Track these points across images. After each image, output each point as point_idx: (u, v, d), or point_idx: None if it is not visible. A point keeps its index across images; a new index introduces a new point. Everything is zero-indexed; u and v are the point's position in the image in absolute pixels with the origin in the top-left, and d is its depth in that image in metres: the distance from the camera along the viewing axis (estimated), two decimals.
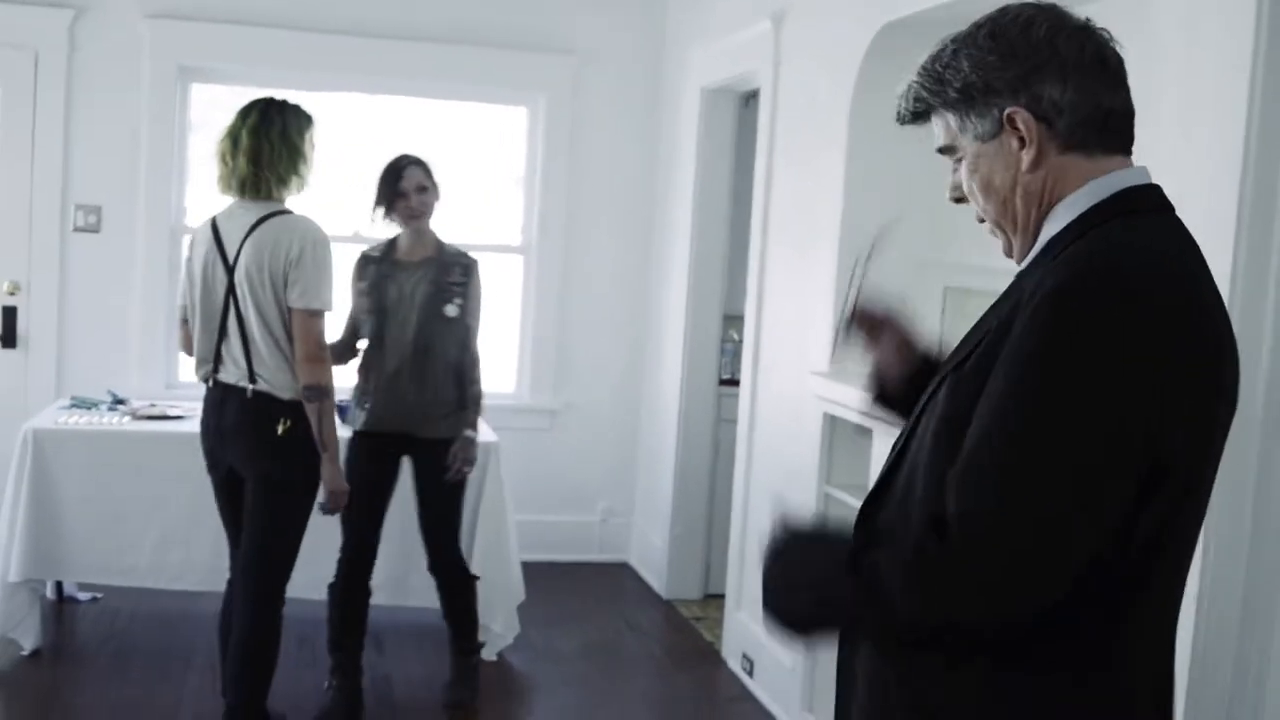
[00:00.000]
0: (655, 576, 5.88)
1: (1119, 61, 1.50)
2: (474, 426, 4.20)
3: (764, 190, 4.85)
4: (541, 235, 6.13)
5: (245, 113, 3.57)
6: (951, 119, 1.53)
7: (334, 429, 3.56)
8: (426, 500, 4.24)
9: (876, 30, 3.94)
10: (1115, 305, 1.32)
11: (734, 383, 5.51)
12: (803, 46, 4.56)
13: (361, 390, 4.20)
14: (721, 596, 5.28)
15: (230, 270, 3.52)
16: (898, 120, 1.61)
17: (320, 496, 3.62)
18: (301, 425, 3.51)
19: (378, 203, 4.18)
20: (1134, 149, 1.55)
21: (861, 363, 1.91)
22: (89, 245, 5.70)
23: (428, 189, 4.17)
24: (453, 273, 4.17)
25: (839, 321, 1.89)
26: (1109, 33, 1.51)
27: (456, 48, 5.91)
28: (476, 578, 4.44)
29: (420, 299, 4.13)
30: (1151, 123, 1.83)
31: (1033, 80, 1.46)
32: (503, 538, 4.76)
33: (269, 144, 3.51)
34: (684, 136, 5.78)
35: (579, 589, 5.81)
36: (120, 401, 5.04)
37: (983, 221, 1.57)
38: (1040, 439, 1.32)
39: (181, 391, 5.59)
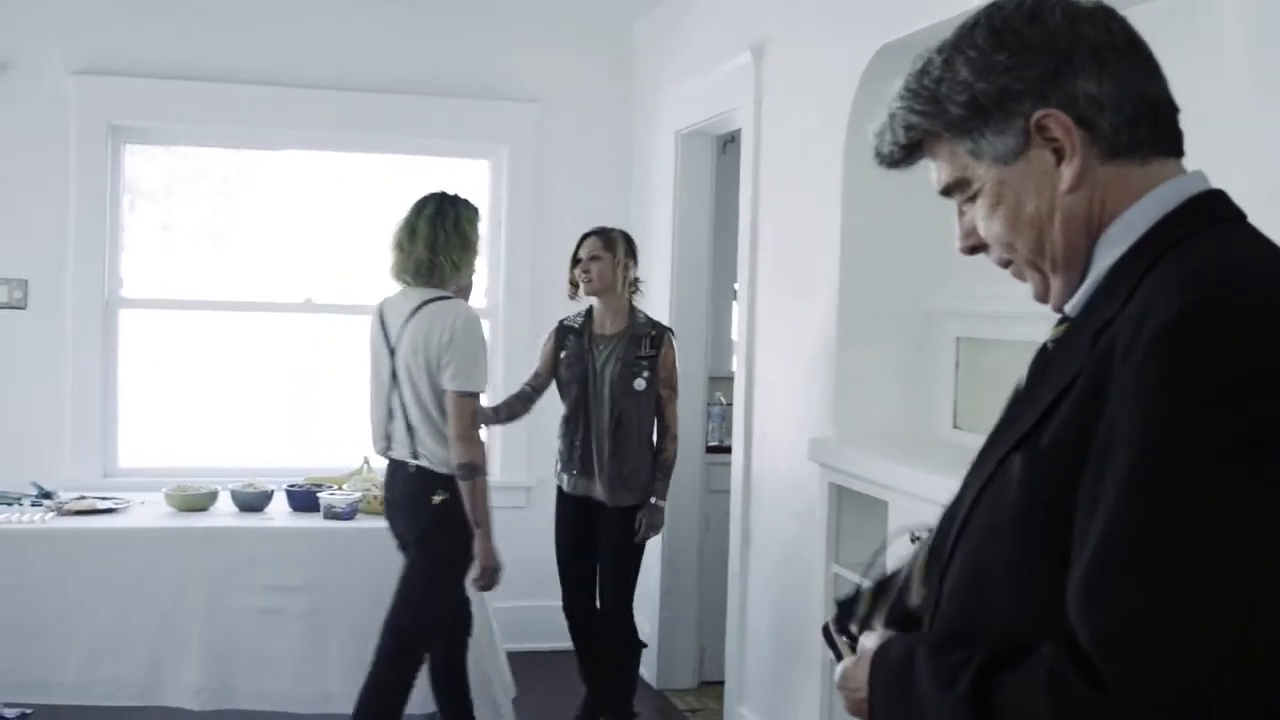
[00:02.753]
0: (645, 664, 5.38)
1: (1147, 46, 1.24)
2: (662, 495, 4.35)
3: (749, 240, 4.45)
4: (508, 297, 5.72)
5: (421, 205, 3.84)
6: (959, 145, 1.25)
7: (487, 506, 3.73)
8: (605, 561, 4.37)
9: (872, 54, 3.57)
10: (1249, 342, 1.03)
11: (723, 450, 5.08)
12: (787, 79, 4.18)
13: (566, 457, 4.42)
14: (717, 684, 4.87)
15: (392, 353, 3.75)
16: (881, 162, 1.32)
17: (473, 573, 3.76)
18: (456, 499, 3.68)
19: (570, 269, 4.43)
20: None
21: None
22: (14, 323, 5.24)
23: (600, 258, 4.33)
24: (642, 346, 4.34)
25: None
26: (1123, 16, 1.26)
27: (411, 98, 5.52)
28: (644, 645, 4.61)
29: (611, 375, 4.31)
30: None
31: (1063, 75, 1.19)
32: (484, 628, 4.35)
33: (444, 233, 3.77)
34: (658, 185, 5.40)
35: (566, 681, 5.30)
36: (46, 495, 4.55)
37: (1008, 265, 1.29)
38: (1202, 524, 1.00)
39: (122, 480, 5.14)
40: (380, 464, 4.80)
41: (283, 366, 5.59)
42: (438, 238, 3.77)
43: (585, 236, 4.43)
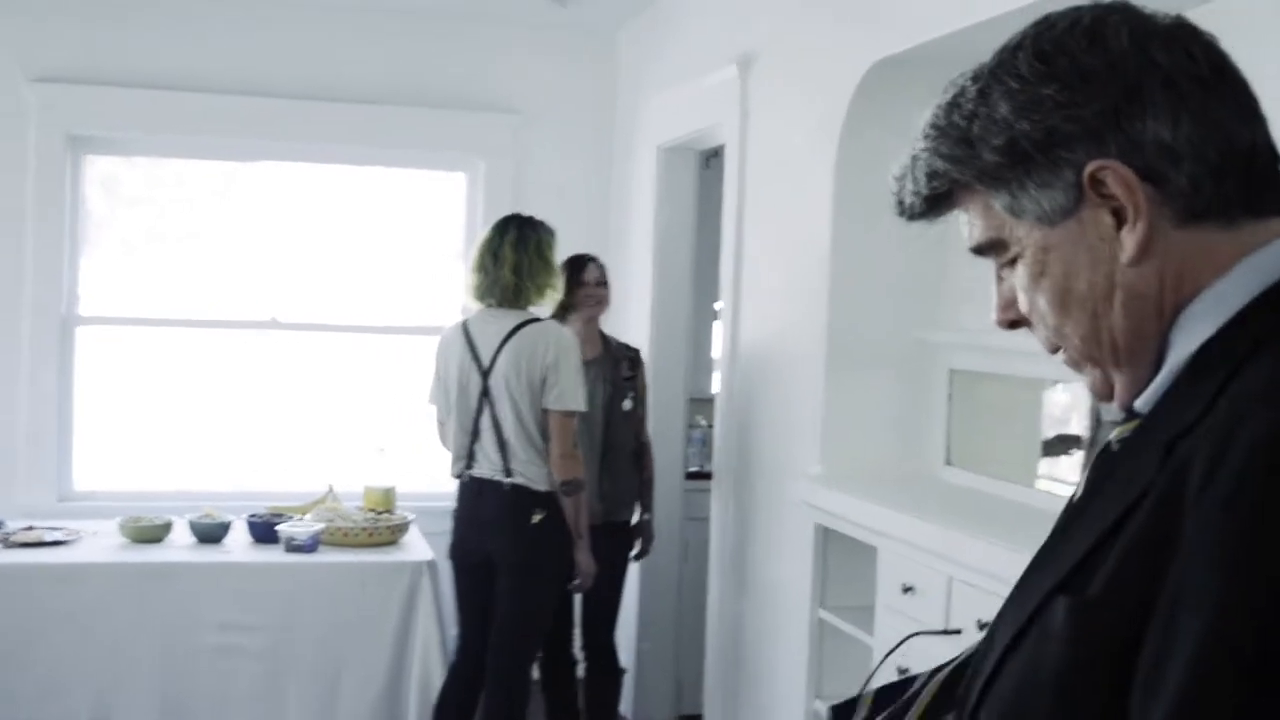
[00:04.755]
0: (622, 696, 5.20)
1: (1243, 76, 0.98)
2: (650, 508, 4.46)
3: (732, 259, 4.27)
4: None
5: (502, 228, 3.92)
6: (994, 197, 1.01)
7: (586, 518, 3.89)
8: (595, 584, 4.15)
9: (864, 70, 3.38)
10: None
11: (703, 475, 4.89)
12: (775, 94, 4.00)
13: None
14: (695, 718, 4.69)
15: (485, 374, 3.80)
16: (901, 214, 1.09)
17: (576, 579, 3.92)
18: (553, 515, 3.79)
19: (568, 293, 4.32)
20: None
21: None
22: None
23: (606, 283, 4.37)
24: (622, 367, 4.37)
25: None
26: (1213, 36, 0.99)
27: (384, 109, 5.32)
28: (624, 670, 4.55)
29: (601, 399, 4.28)
30: None
31: (1125, 115, 0.94)
32: (430, 666, 4.15)
33: (528, 258, 3.85)
34: (639, 201, 5.22)
35: (537, 710, 5.12)
36: None
37: (1057, 351, 1.04)
38: None
39: (78, 505, 4.92)
40: (351, 489, 4.68)
41: (246, 387, 5.37)
42: (522, 262, 3.85)
43: (587, 261, 4.38)
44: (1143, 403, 0.99)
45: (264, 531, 4.27)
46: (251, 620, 4.05)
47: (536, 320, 3.86)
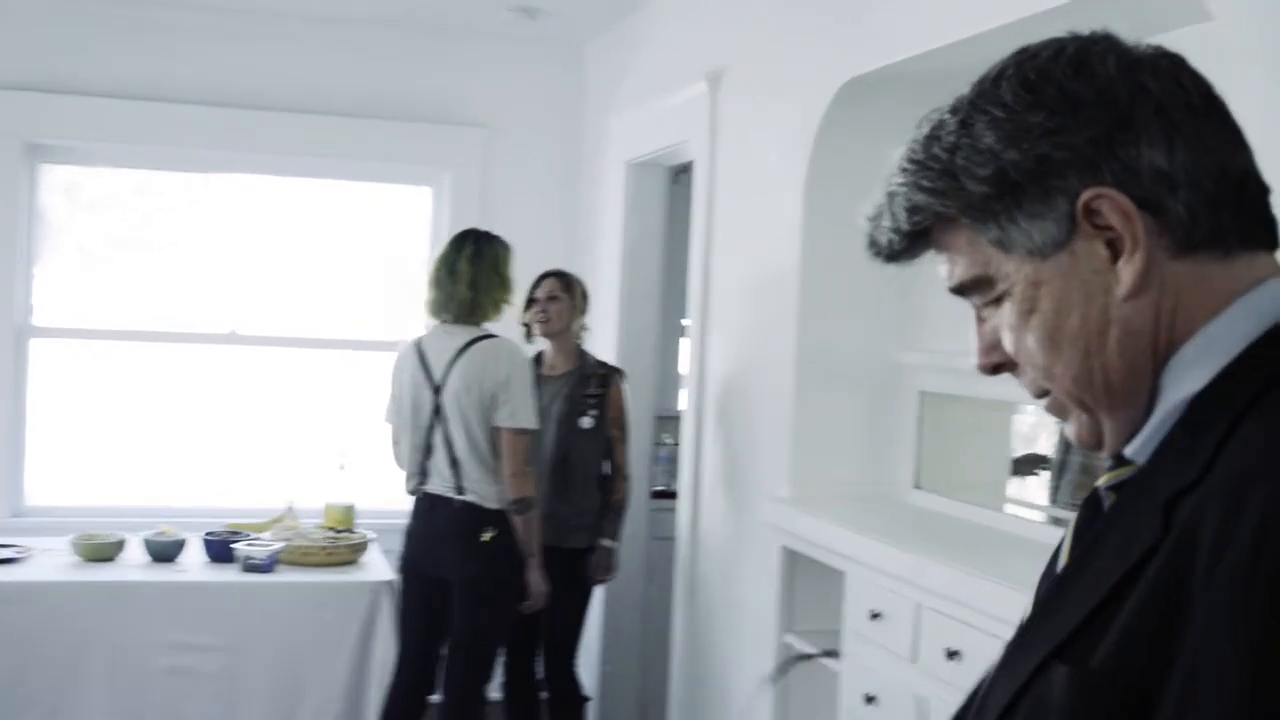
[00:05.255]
0: None
1: (1226, 104, 0.96)
2: (614, 536, 4.28)
3: (701, 276, 4.22)
4: None
5: (459, 243, 3.91)
6: (981, 234, 0.96)
7: (539, 537, 3.84)
8: (553, 609, 4.09)
9: (836, 89, 3.34)
10: None
11: (669, 495, 4.83)
12: (745, 111, 3.95)
13: None
14: None
15: (437, 391, 3.78)
16: (877, 254, 1.04)
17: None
18: (505, 533, 3.77)
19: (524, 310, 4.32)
20: None
21: None
22: None
23: (559, 300, 4.28)
24: (589, 385, 4.27)
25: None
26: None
27: (349, 121, 5.24)
28: (588, 699, 4.47)
29: (557, 413, 4.22)
30: None
31: (1120, 141, 0.90)
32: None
33: (484, 273, 3.84)
34: (608, 217, 5.16)
35: None
36: None
37: (1043, 395, 0.98)
38: None
39: (31, 521, 4.82)
40: (311, 506, 4.60)
41: (205, 401, 5.27)
42: (478, 277, 3.84)
43: (543, 277, 4.33)
44: (1134, 451, 0.94)
45: (220, 550, 4.18)
46: (206, 641, 3.96)
47: (489, 337, 3.83)
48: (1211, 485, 0.82)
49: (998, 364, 1.00)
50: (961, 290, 1.01)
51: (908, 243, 1.00)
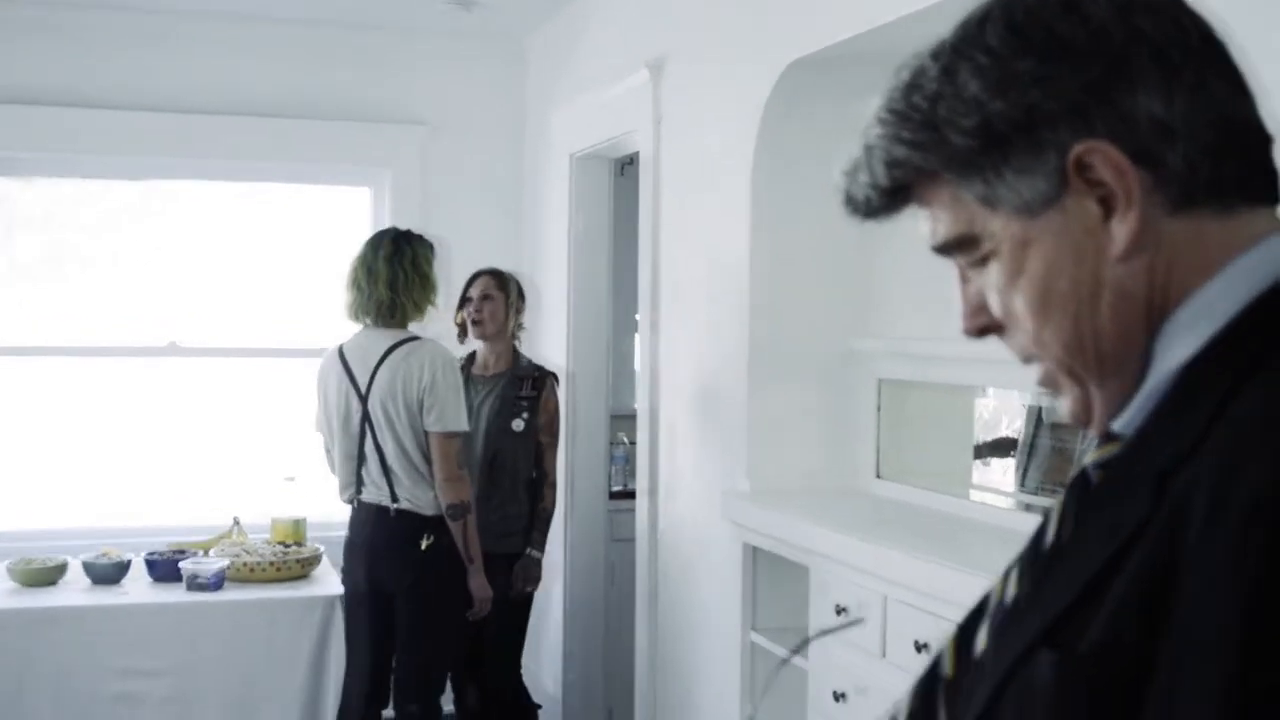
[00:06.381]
0: None
1: (1232, 50, 0.89)
2: (539, 546, 4.21)
3: (650, 270, 4.14)
4: None
5: (377, 242, 3.82)
6: (965, 189, 0.90)
7: (477, 542, 3.77)
8: (488, 619, 3.98)
9: (779, 73, 3.26)
10: None
11: (627, 495, 4.74)
12: (689, 98, 3.87)
13: None
14: None
15: (364, 399, 3.72)
16: (854, 211, 0.97)
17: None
18: (444, 539, 3.71)
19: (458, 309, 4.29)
20: None
21: None
22: None
23: (493, 299, 4.22)
24: (523, 387, 4.21)
25: None
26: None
27: (285, 122, 5.11)
28: (539, 706, 4.41)
29: (487, 413, 4.17)
30: None
31: (1113, 89, 0.84)
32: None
33: (404, 272, 3.75)
34: (553, 213, 5.07)
35: None
36: None
37: (1030, 361, 0.93)
38: None
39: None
40: (258, 521, 4.48)
41: (145, 416, 5.12)
42: (397, 277, 3.75)
43: (476, 276, 4.28)
44: (1123, 424, 0.88)
45: (165, 570, 4.05)
46: (154, 665, 3.84)
47: (412, 339, 3.75)
48: (1203, 460, 0.76)
49: (984, 326, 0.94)
50: (945, 250, 0.94)
51: (886, 199, 0.93)
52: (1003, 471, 3.01)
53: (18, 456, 5.02)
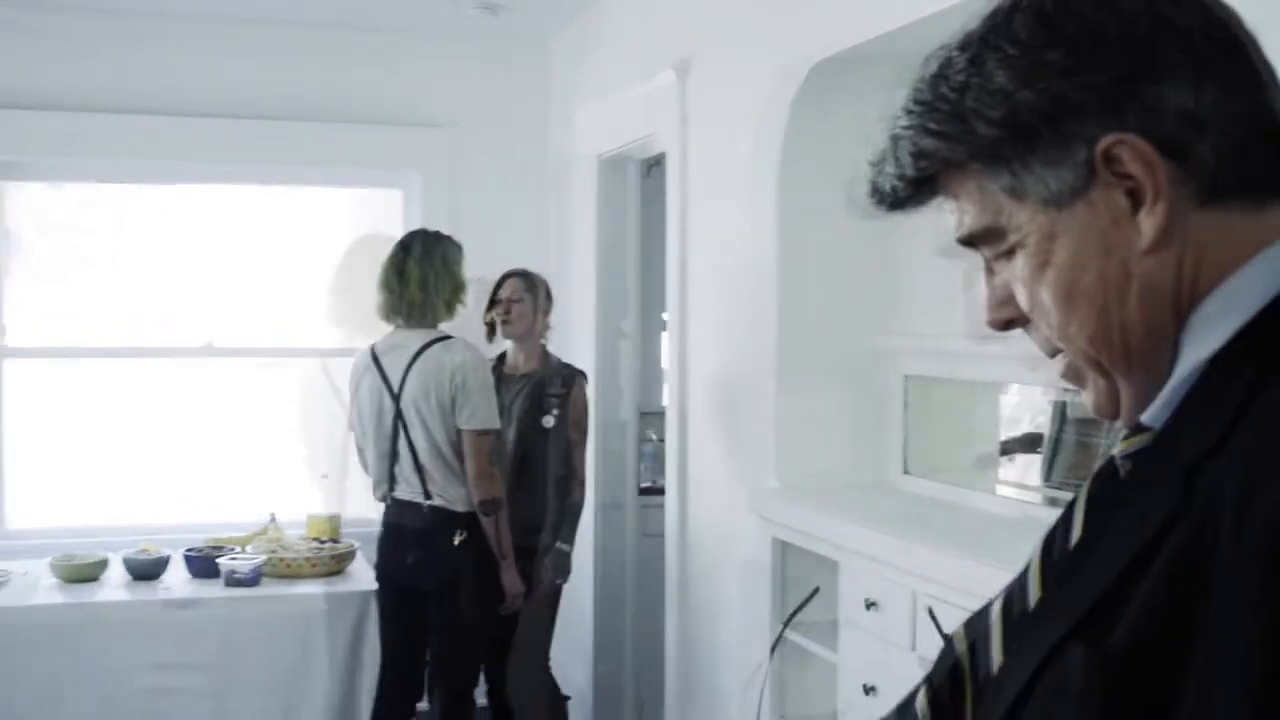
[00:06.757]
0: None
1: (1257, 42, 0.89)
2: (568, 540, 4.24)
3: (678, 269, 4.17)
4: None
5: (407, 244, 3.90)
6: (992, 181, 0.89)
7: (509, 538, 3.84)
8: (518, 612, 4.09)
9: (806, 72, 3.29)
10: None
11: (657, 491, 4.78)
12: (715, 99, 3.90)
13: None
14: None
15: (396, 398, 3.78)
16: (880, 202, 0.97)
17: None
18: (476, 535, 3.77)
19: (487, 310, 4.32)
20: None
21: None
22: None
23: (522, 300, 4.25)
24: (553, 385, 4.25)
25: None
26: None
27: (315, 125, 5.17)
28: (568, 698, 4.49)
29: (518, 411, 4.22)
30: None
31: (1142, 80, 0.84)
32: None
33: (434, 273, 3.82)
34: (581, 213, 5.10)
35: None
36: None
37: (1056, 355, 0.92)
38: None
39: (10, 544, 4.76)
40: (294, 517, 4.55)
41: (182, 415, 5.19)
42: (429, 278, 3.82)
43: (506, 277, 4.32)
44: (1150, 417, 0.88)
45: (203, 565, 4.12)
46: (191, 659, 3.91)
47: (443, 338, 3.82)
48: (1234, 451, 0.76)
49: (1009, 319, 0.94)
50: (970, 241, 0.94)
51: (913, 190, 0.94)
52: (1028, 466, 3.03)
53: (60, 456, 5.10)
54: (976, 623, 1.05)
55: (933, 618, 1.19)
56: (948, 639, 1.07)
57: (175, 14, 4.97)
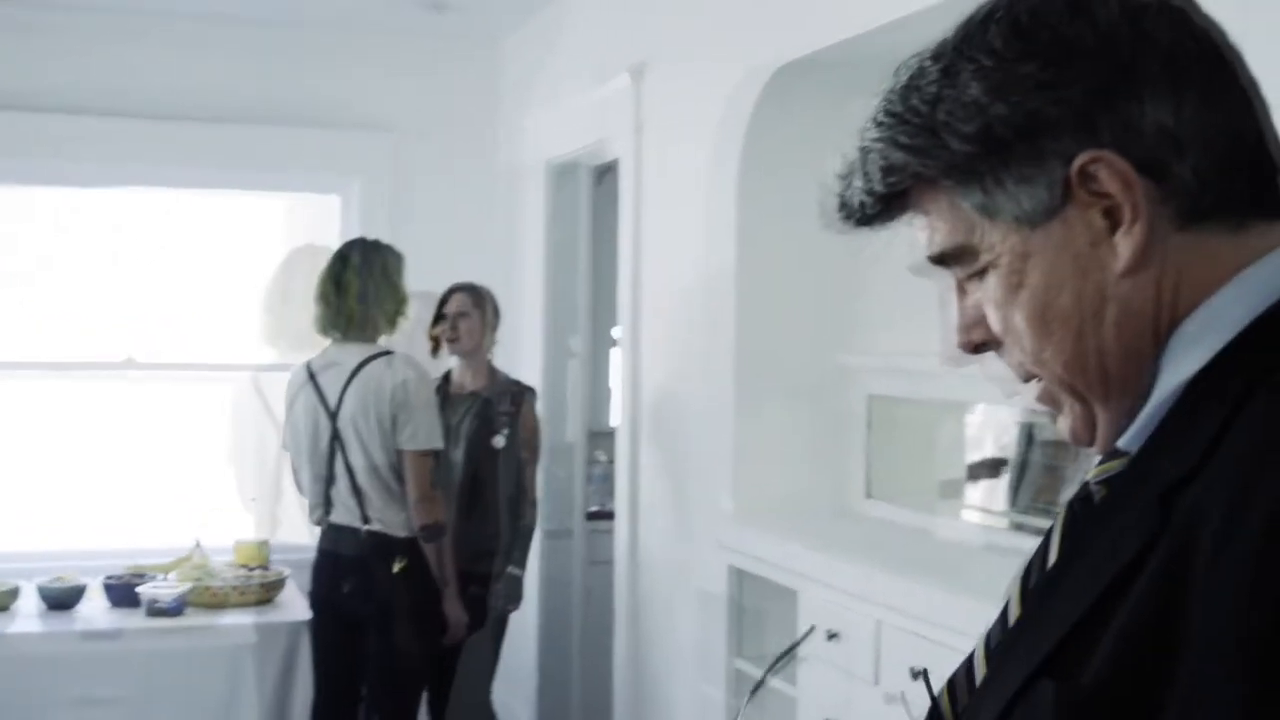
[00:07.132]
0: None
1: (1241, 58, 0.88)
2: (520, 563, 4.10)
3: (630, 282, 4.05)
4: None
5: (345, 253, 3.74)
6: (964, 197, 0.88)
7: (452, 565, 3.70)
8: (461, 639, 3.94)
9: (767, 78, 3.18)
10: None
11: (605, 515, 4.63)
12: (672, 104, 3.78)
13: None
14: None
15: (333, 416, 3.62)
16: (848, 218, 0.95)
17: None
18: (417, 562, 3.61)
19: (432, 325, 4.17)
20: None
21: None
22: None
23: (469, 315, 4.10)
24: (502, 403, 4.10)
25: None
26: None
27: (250, 128, 4.97)
28: None
29: (467, 432, 4.06)
30: None
31: (1119, 95, 0.82)
32: None
33: (374, 284, 3.66)
34: (529, 222, 4.97)
35: None
36: None
37: (1030, 380, 0.91)
38: None
39: None
40: (221, 543, 4.35)
41: (102, 434, 4.97)
42: (368, 290, 3.67)
43: (451, 291, 4.15)
44: (1126, 440, 0.86)
45: (123, 594, 3.92)
46: (111, 693, 3.70)
47: (384, 353, 3.65)
48: (1212, 475, 0.75)
49: (980, 342, 0.92)
50: (941, 260, 0.91)
51: (882, 205, 0.91)
52: (994, 491, 2.95)
53: None
54: (957, 675, 1.02)
55: (926, 682, 1.09)
56: (935, 699, 1.02)
57: (85, 7, 4.74)
